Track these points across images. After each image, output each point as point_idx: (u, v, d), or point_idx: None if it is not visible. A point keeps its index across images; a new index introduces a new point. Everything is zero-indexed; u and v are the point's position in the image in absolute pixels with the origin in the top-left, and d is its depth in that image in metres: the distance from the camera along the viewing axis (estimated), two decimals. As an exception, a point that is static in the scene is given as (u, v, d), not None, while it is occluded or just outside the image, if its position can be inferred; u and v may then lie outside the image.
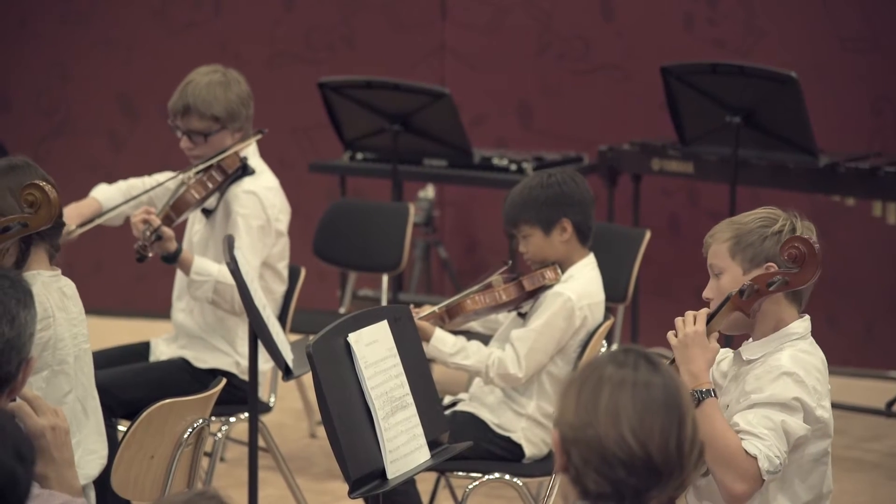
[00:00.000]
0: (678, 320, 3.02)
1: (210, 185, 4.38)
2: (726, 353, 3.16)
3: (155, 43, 7.10)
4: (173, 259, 4.30)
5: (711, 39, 6.45)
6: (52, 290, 3.28)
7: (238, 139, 4.45)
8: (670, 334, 3.02)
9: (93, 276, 6.86)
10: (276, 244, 4.51)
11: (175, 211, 4.34)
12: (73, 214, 4.45)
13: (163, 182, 4.55)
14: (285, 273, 4.60)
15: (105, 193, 4.59)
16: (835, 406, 3.18)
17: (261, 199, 4.43)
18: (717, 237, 3.10)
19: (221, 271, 4.33)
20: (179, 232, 4.56)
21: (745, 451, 2.89)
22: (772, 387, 2.97)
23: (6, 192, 3.26)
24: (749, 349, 3.07)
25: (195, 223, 4.55)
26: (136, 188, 4.61)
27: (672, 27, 6.53)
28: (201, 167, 4.38)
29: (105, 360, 4.42)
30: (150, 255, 4.25)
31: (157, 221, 4.22)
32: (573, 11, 6.68)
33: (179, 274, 4.52)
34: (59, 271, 3.35)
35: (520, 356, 4.01)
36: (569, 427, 2.11)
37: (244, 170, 4.44)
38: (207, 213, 4.49)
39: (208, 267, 4.35)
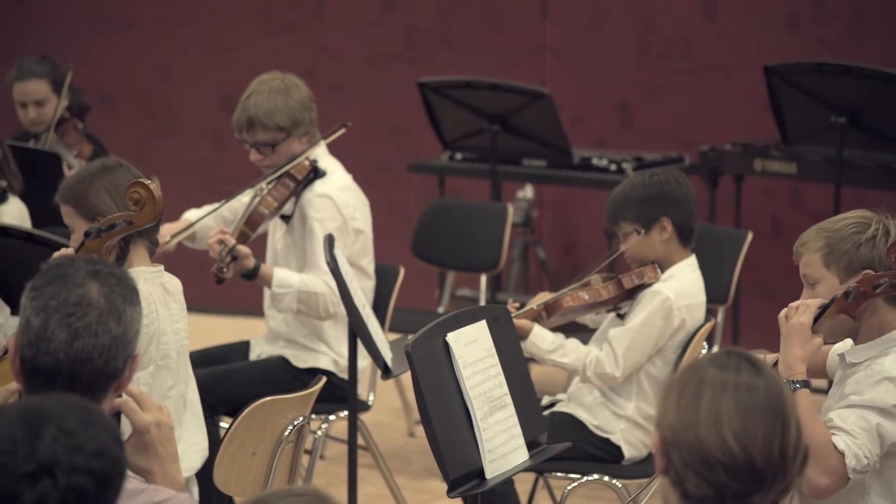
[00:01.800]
0: (791, 306, 2.99)
1: (282, 195, 4.39)
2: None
3: (256, 43, 7.18)
4: (253, 275, 4.33)
5: (817, 39, 6.36)
6: (154, 286, 3.33)
7: (305, 143, 4.47)
8: (781, 316, 2.99)
9: (195, 275, 6.92)
10: (355, 242, 4.52)
11: (250, 226, 4.37)
12: (167, 230, 4.52)
13: (237, 197, 4.58)
14: (370, 268, 4.61)
15: (195, 214, 4.65)
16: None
17: (334, 200, 4.44)
18: (809, 246, 3.06)
19: (303, 280, 4.36)
20: (262, 242, 4.59)
21: (834, 446, 2.86)
22: (872, 391, 2.92)
23: (102, 191, 3.32)
24: (853, 352, 3.03)
25: (277, 230, 4.58)
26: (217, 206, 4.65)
27: (775, 27, 6.45)
28: (271, 178, 4.40)
29: (206, 359, 4.48)
30: (229, 276, 4.27)
31: (231, 241, 4.25)
32: (675, 11, 6.63)
33: None
34: (162, 267, 3.40)
35: (617, 355, 3.99)
36: (669, 429, 2.10)
37: (315, 173, 4.45)
38: (287, 219, 4.52)
39: (289, 278, 4.37)
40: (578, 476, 4.01)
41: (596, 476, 4.01)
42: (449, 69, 6.57)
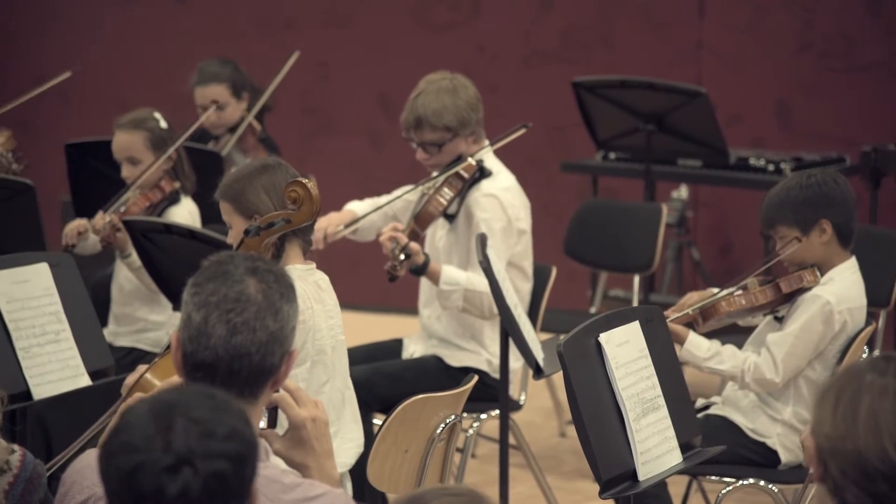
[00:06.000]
0: None
1: (450, 194, 4.43)
2: None
3: (414, 43, 7.24)
4: (422, 271, 4.37)
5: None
6: (308, 283, 3.38)
7: (471, 143, 4.49)
8: None
9: (350, 273, 7.04)
10: (518, 243, 4.53)
11: (420, 225, 4.42)
12: (335, 220, 4.59)
13: (403, 195, 4.62)
14: (530, 270, 4.62)
15: (358, 206, 4.71)
16: None
17: (501, 201, 4.45)
18: None
19: (469, 279, 4.38)
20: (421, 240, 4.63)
21: None
22: None
23: (260, 190, 3.38)
24: None
25: (438, 229, 4.61)
26: (382, 201, 4.70)
27: (942, 23, 6.27)
28: (440, 178, 4.43)
29: (360, 356, 4.53)
30: (402, 273, 4.32)
31: (404, 239, 4.29)
32: (836, 8, 6.49)
33: (424, 282, 4.59)
34: (314, 265, 3.45)
35: (776, 361, 3.92)
36: (825, 438, 2.05)
37: (481, 172, 4.48)
38: (449, 217, 4.55)
39: (456, 276, 4.40)
40: (733, 480, 3.96)
41: (751, 480, 3.95)
42: (604, 68, 6.53)
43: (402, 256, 4.28)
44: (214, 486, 1.86)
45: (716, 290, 4.04)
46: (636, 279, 5.66)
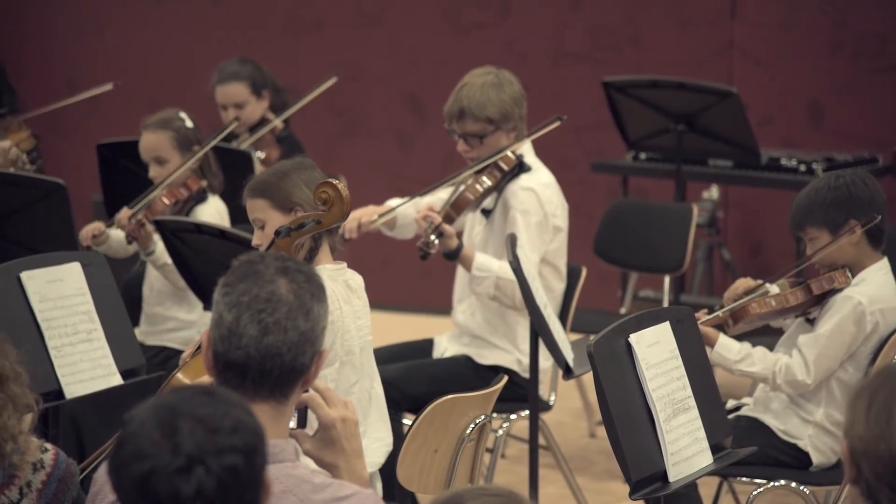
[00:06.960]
0: None
1: (488, 184, 4.44)
2: None
3: (443, 43, 7.24)
4: (455, 256, 4.38)
5: None
6: (338, 283, 3.38)
7: (513, 138, 4.50)
8: None
9: (380, 272, 7.05)
10: (553, 240, 4.53)
11: (455, 209, 4.42)
12: (370, 210, 4.61)
13: (441, 190, 4.63)
14: (564, 270, 4.62)
15: (397, 202, 4.72)
16: None
17: (538, 195, 4.46)
18: None
19: (502, 267, 4.38)
20: (458, 237, 4.63)
21: None
22: None
23: (302, 184, 3.40)
24: None
25: (475, 225, 4.62)
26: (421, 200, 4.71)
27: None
28: (478, 168, 4.44)
29: (390, 356, 4.54)
30: (433, 251, 4.33)
31: (438, 219, 4.30)
32: (869, 8, 6.46)
33: (460, 276, 4.59)
34: (345, 264, 3.45)
35: (808, 362, 3.91)
36: (859, 439, 2.04)
37: (520, 167, 4.48)
38: (487, 213, 4.55)
39: (489, 263, 4.41)
40: (764, 481, 3.94)
41: (783, 482, 3.93)
42: (634, 68, 6.52)
43: (433, 237, 4.29)
44: (229, 481, 1.87)
45: (761, 282, 4.01)
46: (666, 280, 5.65)
